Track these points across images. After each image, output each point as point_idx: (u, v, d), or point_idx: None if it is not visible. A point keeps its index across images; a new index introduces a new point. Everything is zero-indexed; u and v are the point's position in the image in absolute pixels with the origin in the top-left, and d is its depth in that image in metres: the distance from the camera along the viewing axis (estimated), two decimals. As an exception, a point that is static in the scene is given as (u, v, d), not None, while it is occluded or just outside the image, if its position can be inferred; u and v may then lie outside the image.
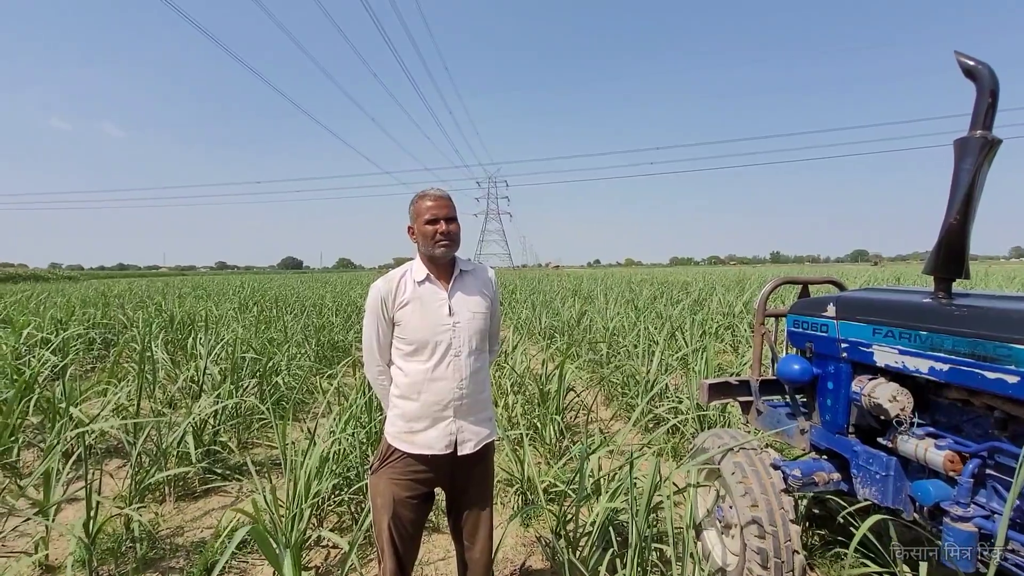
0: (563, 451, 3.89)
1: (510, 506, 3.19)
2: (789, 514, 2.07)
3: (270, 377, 5.04)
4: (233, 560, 2.66)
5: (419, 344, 1.74)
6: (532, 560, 2.68)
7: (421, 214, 1.75)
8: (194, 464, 3.29)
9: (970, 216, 1.79)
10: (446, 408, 1.75)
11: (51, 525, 2.51)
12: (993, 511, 1.69)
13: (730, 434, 2.42)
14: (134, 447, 3.15)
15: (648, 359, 5.26)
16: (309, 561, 2.63)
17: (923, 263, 2.01)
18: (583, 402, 4.90)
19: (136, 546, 2.71)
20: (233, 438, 4.16)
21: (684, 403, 4.17)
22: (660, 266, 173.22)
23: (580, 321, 8.60)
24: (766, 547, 2.01)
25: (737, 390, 2.75)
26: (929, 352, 1.80)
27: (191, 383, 4.82)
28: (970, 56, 1.81)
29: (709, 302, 10.86)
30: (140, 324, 8.34)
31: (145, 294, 16.97)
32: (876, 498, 2.01)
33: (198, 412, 3.57)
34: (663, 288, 16.20)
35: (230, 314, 10.11)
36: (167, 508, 3.21)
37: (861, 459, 2.06)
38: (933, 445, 1.81)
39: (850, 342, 2.13)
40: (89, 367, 7.02)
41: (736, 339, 7.35)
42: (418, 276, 1.78)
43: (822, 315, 2.28)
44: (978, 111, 1.77)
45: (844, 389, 2.17)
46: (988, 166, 1.78)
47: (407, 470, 1.77)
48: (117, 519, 2.88)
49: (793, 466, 2.22)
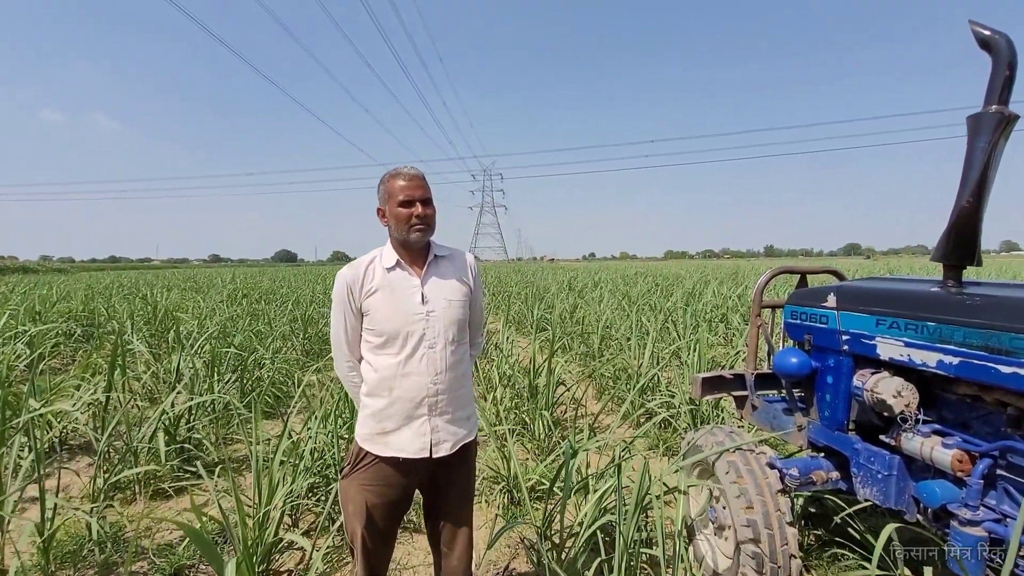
0: (552, 447, 3.77)
1: (495, 505, 3.07)
2: (786, 516, 1.96)
3: (253, 371, 4.89)
4: (202, 563, 2.53)
5: (389, 335, 1.59)
6: (516, 563, 2.56)
7: (394, 195, 1.59)
8: (163, 462, 3.13)
9: (984, 199, 1.67)
10: (420, 406, 1.60)
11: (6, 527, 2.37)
12: (1005, 514, 1.58)
13: (725, 432, 2.30)
14: (100, 443, 3.00)
15: (640, 352, 5.14)
16: (281, 565, 2.50)
17: (916, 256, 1.88)
18: (573, 396, 4.79)
19: (96, 549, 2.57)
20: (211, 434, 4.00)
21: (677, 397, 4.05)
22: (655, 259, 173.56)
23: (573, 314, 8.48)
24: (761, 551, 1.90)
25: (731, 384, 2.63)
26: (938, 344, 1.68)
27: (168, 376, 4.66)
28: (986, 26, 1.67)
29: (703, 294, 10.76)
30: (123, 316, 8.14)
31: (134, 286, 16.68)
32: (877, 498, 1.89)
33: (169, 407, 3.41)
34: (657, 281, 16.12)
35: (216, 307, 9.92)
36: (136, 508, 3.06)
37: (862, 457, 1.95)
38: (940, 443, 1.69)
39: (851, 334, 2.01)
40: (68, 360, 6.83)
41: (730, 331, 7.25)
42: (388, 262, 1.63)
43: (822, 306, 2.16)
44: (993, 84, 1.64)
45: (844, 383, 2.05)
46: (1004, 144, 1.65)
47: (379, 475, 1.63)
48: (80, 520, 2.74)
49: (790, 464, 2.10)
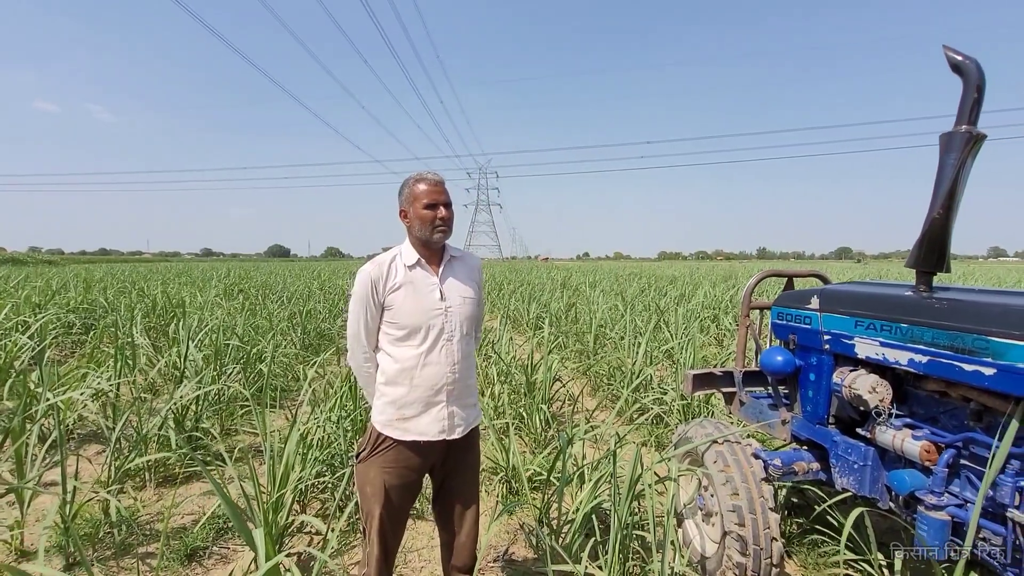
0: (548, 440, 3.91)
1: (495, 494, 3.20)
2: (769, 502, 2.10)
3: (254, 364, 4.99)
4: (213, 545, 2.64)
5: (411, 328, 1.72)
6: (515, 547, 2.69)
7: (419, 198, 1.72)
8: (174, 450, 3.24)
9: (953, 211, 1.81)
10: (439, 393, 1.74)
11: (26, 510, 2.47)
12: (967, 500, 1.73)
13: (714, 424, 2.44)
14: (113, 432, 3.10)
15: (634, 350, 5.29)
16: (292, 547, 2.62)
17: (903, 260, 2.03)
18: (569, 392, 4.92)
19: (114, 531, 2.67)
20: (216, 424, 4.11)
21: (669, 394, 4.20)
22: (649, 260, 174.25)
23: (568, 312, 8.62)
24: (745, 534, 2.04)
25: (721, 381, 2.77)
26: (909, 344, 1.82)
27: (173, 369, 4.75)
28: (958, 51, 1.81)
29: (695, 295, 10.95)
30: (121, 309, 8.19)
31: (128, 279, 16.65)
32: (854, 487, 2.04)
33: (179, 397, 3.51)
34: (651, 281, 16.30)
35: (214, 300, 9.97)
36: (147, 494, 3.17)
37: (840, 449, 2.10)
38: (910, 436, 1.84)
39: (832, 334, 2.16)
40: (68, 352, 6.88)
41: (721, 332, 7.42)
42: (408, 260, 1.76)
43: (806, 307, 2.30)
44: (964, 106, 1.78)
45: (825, 380, 2.20)
46: (972, 161, 1.80)
47: (399, 458, 1.75)
48: (95, 505, 2.84)
49: (774, 456, 2.25)
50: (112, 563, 2.48)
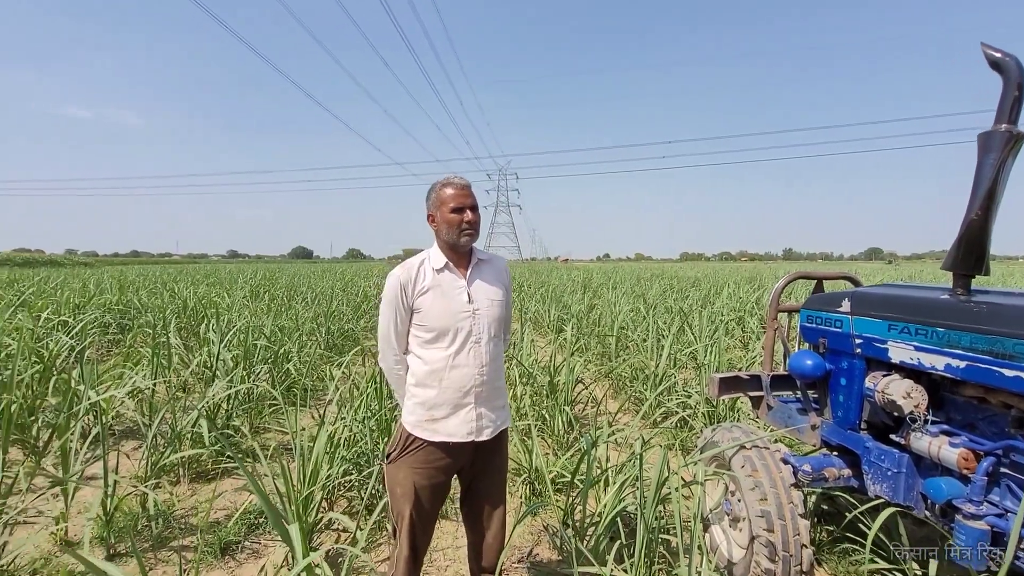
0: (571, 442, 3.91)
1: (518, 495, 3.21)
2: (798, 508, 2.07)
3: (281, 364, 5.10)
4: (246, 540, 2.72)
5: (440, 331, 1.75)
6: (539, 548, 2.70)
7: (446, 202, 1.75)
8: (207, 447, 3.34)
9: (992, 212, 1.76)
10: (467, 395, 1.76)
11: (69, 503, 2.58)
12: (1007, 510, 1.68)
13: (742, 428, 2.42)
14: (150, 429, 3.22)
15: (657, 353, 5.24)
16: (320, 543, 2.67)
17: (940, 261, 1.98)
18: (591, 394, 4.91)
19: (152, 524, 2.77)
20: (245, 423, 4.22)
21: (693, 397, 4.16)
22: (670, 261, 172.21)
23: (589, 314, 8.59)
24: (775, 540, 2.02)
25: (748, 384, 2.74)
26: (946, 349, 1.78)
27: (204, 368, 4.89)
28: (997, 48, 1.77)
29: (719, 297, 10.79)
30: (154, 310, 8.46)
31: (159, 280, 17.17)
32: (887, 495, 2.00)
33: (212, 396, 3.62)
34: (673, 283, 16.11)
35: (241, 302, 10.22)
36: (181, 489, 3.27)
37: (873, 455, 2.05)
38: (947, 443, 1.79)
39: (864, 338, 2.12)
40: (105, 351, 7.14)
41: (746, 334, 7.31)
42: (436, 264, 1.79)
43: (836, 311, 2.26)
44: (1004, 104, 1.73)
45: (857, 385, 2.16)
46: (1013, 161, 1.75)
47: (428, 459, 1.78)
48: (133, 499, 2.95)
49: (803, 461, 2.21)
50: (150, 555, 2.57)
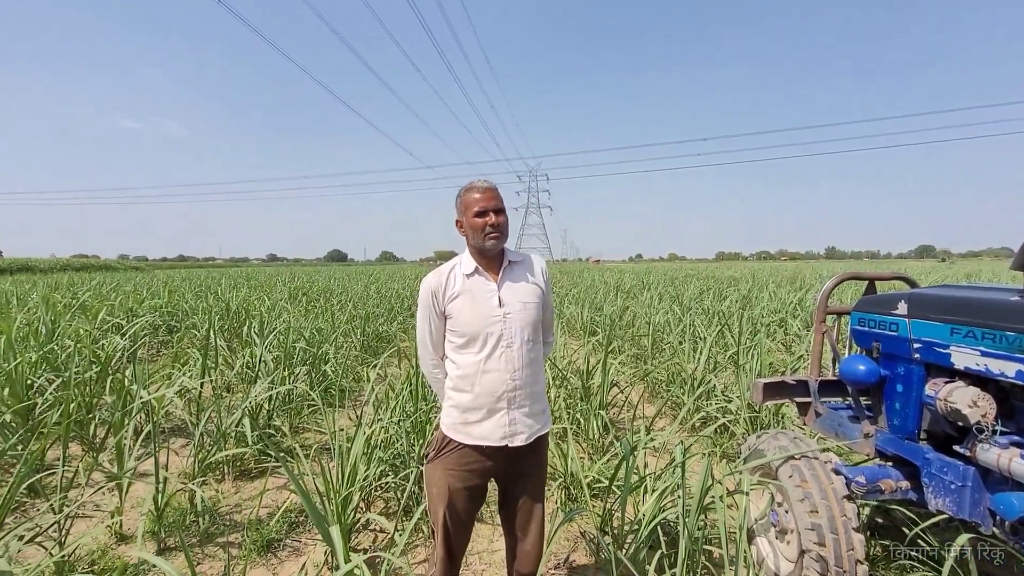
0: (607, 447, 3.84)
1: (553, 500, 3.18)
2: (852, 522, 1.96)
3: (319, 365, 5.22)
4: (287, 538, 2.78)
5: (471, 336, 1.74)
6: (576, 555, 2.66)
7: (470, 207, 1.74)
8: (251, 445, 3.44)
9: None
10: (500, 399, 1.74)
11: (124, 497, 2.70)
12: (1089, 530, 1.55)
13: (789, 436, 2.32)
14: (197, 428, 3.34)
15: (695, 356, 5.11)
16: (358, 544, 2.71)
17: (999, 260, 1.85)
18: (627, 398, 4.82)
19: (199, 520, 2.87)
20: (285, 423, 4.33)
21: (734, 402, 4.03)
22: (705, 261, 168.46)
23: (623, 316, 8.46)
24: (826, 555, 1.92)
25: (793, 390, 2.63)
26: (1017, 355, 1.66)
27: (247, 369, 5.05)
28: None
29: (760, 298, 10.46)
30: (200, 313, 8.81)
31: (204, 284, 17.91)
32: (951, 510, 1.87)
33: (255, 396, 3.73)
34: (709, 283, 15.73)
35: (281, 304, 10.53)
36: (226, 487, 3.38)
37: (934, 467, 1.93)
38: (1019, 455, 1.67)
39: (923, 342, 1.99)
40: (154, 351, 7.48)
41: (788, 337, 7.05)
42: (467, 269, 1.78)
43: (892, 313, 2.14)
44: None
45: (916, 392, 2.03)
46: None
47: (462, 461, 1.78)
48: (181, 495, 3.06)
49: (856, 472, 2.10)
50: (197, 550, 2.66)
